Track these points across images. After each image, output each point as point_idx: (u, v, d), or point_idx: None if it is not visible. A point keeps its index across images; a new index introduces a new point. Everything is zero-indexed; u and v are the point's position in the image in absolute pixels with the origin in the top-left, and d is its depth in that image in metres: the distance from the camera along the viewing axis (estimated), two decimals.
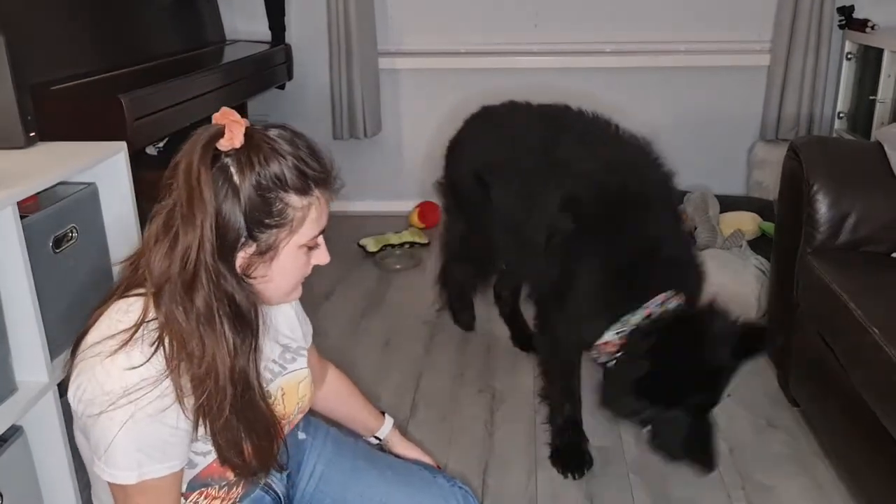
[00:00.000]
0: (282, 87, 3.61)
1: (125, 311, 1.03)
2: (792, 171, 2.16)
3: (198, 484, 1.12)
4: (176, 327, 1.00)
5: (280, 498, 1.30)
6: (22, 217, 1.46)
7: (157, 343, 0.99)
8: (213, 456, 1.09)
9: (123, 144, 1.82)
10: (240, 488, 1.19)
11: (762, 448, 2.10)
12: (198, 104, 2.56)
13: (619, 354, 1.76)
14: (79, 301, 1.71)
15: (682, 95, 3.65)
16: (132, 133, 2.12)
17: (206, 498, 1.15)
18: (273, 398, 1.16)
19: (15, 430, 1.51)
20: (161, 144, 2.67)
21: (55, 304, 1.60)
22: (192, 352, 1.00)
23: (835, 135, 3.49)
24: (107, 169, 1.78)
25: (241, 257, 1.03)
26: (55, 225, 1.61)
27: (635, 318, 1.74)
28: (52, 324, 1.56)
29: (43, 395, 1.52)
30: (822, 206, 2.04)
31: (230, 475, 1.13)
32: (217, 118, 1.01)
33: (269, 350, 1.20)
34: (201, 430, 1.04)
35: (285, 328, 1.26)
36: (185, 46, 3.08)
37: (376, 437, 1.51)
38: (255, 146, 1.00)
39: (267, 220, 1.01)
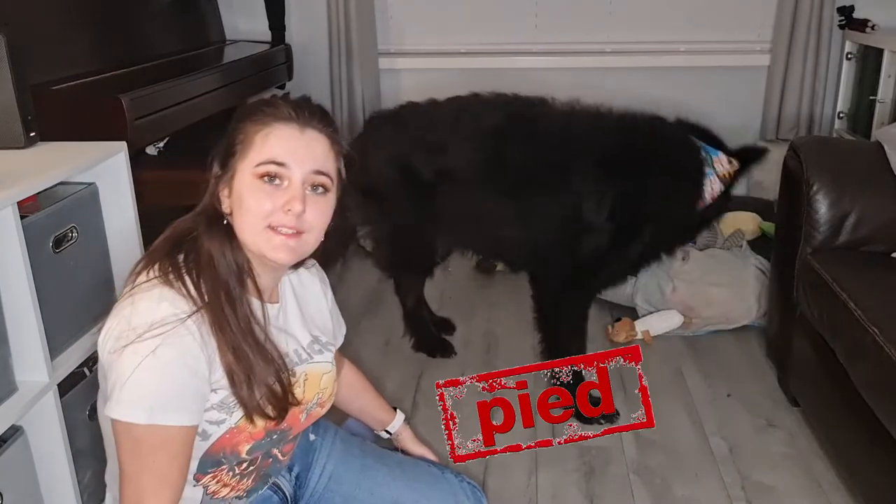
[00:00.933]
0: (282, 87, 3.60)
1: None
2: (792, 170, 2.16)
3: (210, 462, 1.12)
4: (197, 258, 1.08)
5: (287, 498, 1.30)
6: (22, 217, 1.46)
7: (186, 276, 1.06)
8: (226, 426, 1.09)
9: (124, 144, 1.82)
10: (249, 481, 1.20)
11: (762, 448, 2.10)
12: (198, 104, 2.56)
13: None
14: (79, 301, 1.71)
15: (681, 95, 3.63)
16: (132, 133, 2.13)
17: (217, 482, 1.15)
18: (296, 379, 1.18)
19: (15, 431, 1.51)
20: (161, 144, 2.67)
21: (55, 304, 1.60)
22: (204, 267, 1.08)
23: (835, 135, 3.49)
24: (107, 169, 1.79)
25: (222, 190, 1.12)
26: (55, 225, 1.61)
27: (710, 156, 2.14)
28: (52, 324, 1.56)
29: (43, 395, 1.52)
30: (823, 206, 2.04)
31: (242, 449, 1.12)
32: None
33: (301, 335, 1.24)
34: (217, 374, 1.06)
35: (319, 320, 1.30)
36: (185, 46, 3.08)
37: (387, 431, 1.52)
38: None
39: (231, 149, 1.10)
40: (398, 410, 1.55)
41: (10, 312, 1.47)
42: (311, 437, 1.40)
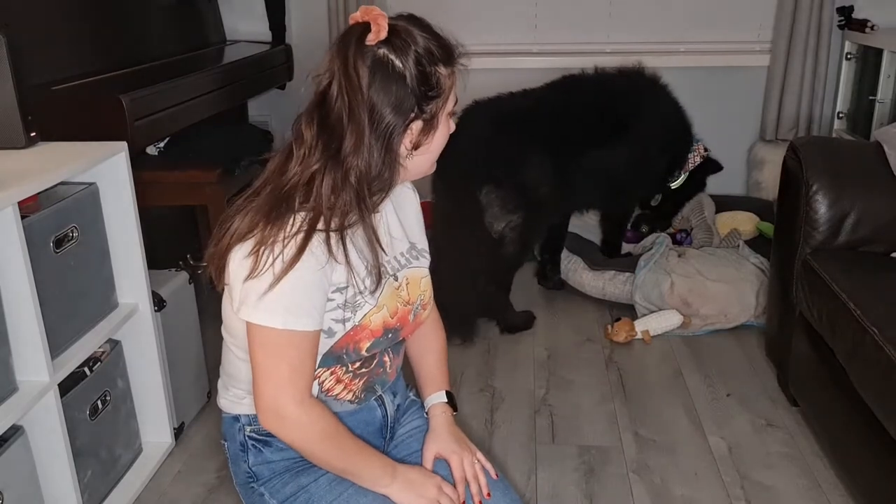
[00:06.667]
0: (282, 87, 3.60)
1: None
2: (792, 171, 2.16)
3: (331, 359, 1.20)
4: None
5: (387, 417, 1.36)
6: (23, 217, 1.47)
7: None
8: (350, 324, 1.17)
9: (124, 145, 1.82)
10: (360, 382, 1.26)
11: (761, 447, 2.10)
12: (198, 104, 2.56)
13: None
14: (80, 301, 1.72)
15: (681, 96, 3.63)
16: (133, 133, 2.13)
17: (333, 377, 1.23)
18: (398, 283, 1.26)
19: (16, 430, 1.52)
20: (161, 144, 2.67)
21: (56, 304, 1.60)
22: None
23: (834, 135, 3.50)
24: (107, 169, 1.79)
25: (408, 135, 1.15)
26: (56, 225, 1.62)
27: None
28: (52, 324, 1.56)
29: (43, 394, 1.53)
30: (822, 206, 2.04)
31: (363, 346, 1.20)
32: (358, 17, 1.14)
33: (401, 242, 1.31)
34: (336, 275, 1.13)
35: (415, 227, 1.38)
36: (185, 47, 3.08)
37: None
38: (400, 31, 1.13)
39: (430, 93, 1.14)
40: (449, 394, 1.44)
41: (11, 312, 1.48)
42: (411, 396, 1.46)
